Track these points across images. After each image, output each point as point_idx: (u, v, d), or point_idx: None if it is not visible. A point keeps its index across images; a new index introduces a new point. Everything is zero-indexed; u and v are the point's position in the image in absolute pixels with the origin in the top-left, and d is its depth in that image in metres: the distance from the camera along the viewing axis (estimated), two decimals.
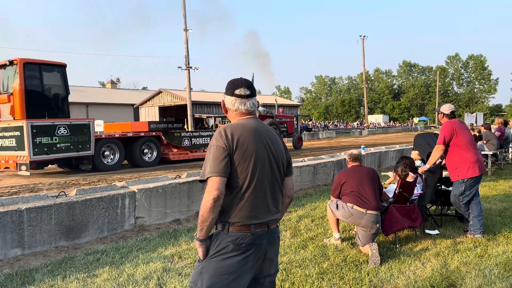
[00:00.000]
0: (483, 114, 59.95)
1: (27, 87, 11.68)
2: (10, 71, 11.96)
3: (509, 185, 8.95)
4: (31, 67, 11.91)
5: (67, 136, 11.92)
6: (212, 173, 2.07)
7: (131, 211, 5.77)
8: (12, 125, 11.49)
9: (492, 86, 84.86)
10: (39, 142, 11.24)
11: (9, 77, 12.03)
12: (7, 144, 11.67)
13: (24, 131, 11.01)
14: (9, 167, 11.90)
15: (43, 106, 12.01)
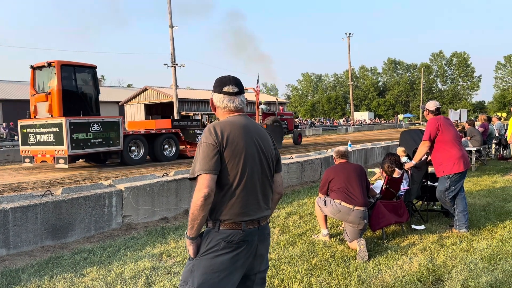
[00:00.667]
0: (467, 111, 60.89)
1: (64, 87, 12.64)
2: (46, 72, 12.95)
3: (493, 181, 9.12)
4: (67, 68, 12.86)
5: (100, 132, 12.83)
6: (202, 171, 2.06)
7: (118, 210, 5.71)
8: (51, 122, 12.28)
9: (475, 83, 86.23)
10: (76, 138, 12.14)
11: (45, 78, 13.02)
12: (45, 140, 12.48)
13: (63, 128, 11.87)
14: (46, 160, 12.66)
15: (77, 104, 13.00)
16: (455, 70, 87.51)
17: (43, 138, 12.51)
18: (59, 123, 12.01)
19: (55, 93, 12.47)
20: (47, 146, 12.41)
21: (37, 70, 13.23)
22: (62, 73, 12.61)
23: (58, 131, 12.04)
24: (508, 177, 9.57)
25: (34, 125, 12.75)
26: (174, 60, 30.53)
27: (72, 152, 12.04)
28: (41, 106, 12.96)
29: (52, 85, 12.61)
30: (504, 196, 7.38)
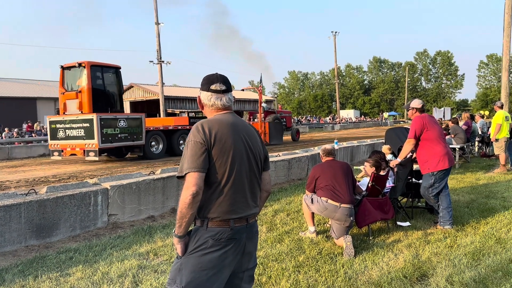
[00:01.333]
0: (451, 109, 61.78)
1: (93, 85, 13.74)
2: (76, 72, 13.97)
3: (476, 178, 9.28)
4: (95, 68, 13.95)
5: (126, 127, 13.94)
6: (190, 169, 2.06)
7: (104, 209, 5.66)
8: (81, 118, 13.29)
9: (458, 81, 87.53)
10: (105, 132, 13.18)
11: (74, 77, 14.03)
12: (75, 134, 13.48)
13: (94, 123, 12.89)
14: (76, 153, 13.88)
15: (104, 102, 14.11)
16: (439, 68, 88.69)
17: (73, 133, 13.50)
18: (90, 119, 13.01)
19: (86, 91, 13.58)
20: (77, 140, 13.41)
21: (66, 70, 14.26)
22: (91, 72, 13.69)
23: (89, 126, 13.04)
24: (491, 174, 9.75)
25: (63, 121, 13.71)
26: (160, 57, 30.30)
27: (102, 146, 13.04)
28: (70, 104, 13.97)
29: (82, 84, 13.67)
30: (487, 193, 7.51)
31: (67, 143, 13.72)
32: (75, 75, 14.08)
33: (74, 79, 14.06)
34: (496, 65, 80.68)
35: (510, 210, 6.22)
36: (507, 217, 5.84)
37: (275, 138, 21.64)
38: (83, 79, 13.67)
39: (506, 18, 18.20)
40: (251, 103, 44.53)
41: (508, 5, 18.12)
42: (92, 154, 13.07)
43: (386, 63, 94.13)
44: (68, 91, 14.15)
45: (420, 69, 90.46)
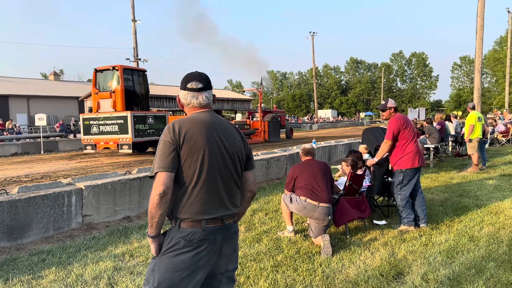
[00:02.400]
0: (425, 109, 63.13)
1: (125, 87, 15.41)
2: (108, 74, 15.60)
3: (450, 177, 9.49)
4: (127, 71, 15.69)
5: (153, 124, 15.54)
6: (159, 169, 2.04)
7: (78, 209, 5.52)
8: (115, 115, 14.82)
9: (433, 82, 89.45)
10: (137, 128, 14.73)
11: (106, 79, 15.64)
12: (109, 130, 15.00)
13: (128, 120, 14.42)
14: (110, 147, 15.48)
15: (134, 101, 15.83)
16: (414, 69, 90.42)
17: (107, 129, 15.02)
18: (125, 116, 14.55)
19: (119, 92, 15.19)
20: (111, 135, 14.89)
21: (99, 72, 15.86)
22: (124, 75, 15.37)
23: (123, 122, 14.56)
24: (464, 173, 9.99)
25: (97, 118, 15.19)
26: (137, 55, 29.92)
27: (135, 140, 14.57)
28: (104, 103, 15.48)
29: (115, 85, 15.27)
30: (460, 192, 7.69)
31: (100, 138, 15.23)
32: (107, 77, 15.67)
33: (106, 80, 15.65)
34: (469, 67, 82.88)
35: (483, 208, 6.38)
36: (480, 215, 5.99)
37: (273, 135, 23.28)
38: (116, 80, 15.31)
39: (479, 21, 18.72)
40: (230, 102, 44.42)
41: (481, 9, 18.63)
42: (125, 147, 14.57)
43: (363, 64, 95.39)
44: (101, 91, 15.67)
45: (396, 70, 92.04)
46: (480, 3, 18.60)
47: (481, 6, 18.60)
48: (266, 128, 22.78)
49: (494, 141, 17.36)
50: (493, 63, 63.60)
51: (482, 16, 18.59)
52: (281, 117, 26.56)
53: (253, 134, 22.49)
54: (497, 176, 9.39)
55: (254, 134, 22.51)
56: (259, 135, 22.60)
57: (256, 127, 22.89)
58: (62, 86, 50.35)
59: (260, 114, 22.96)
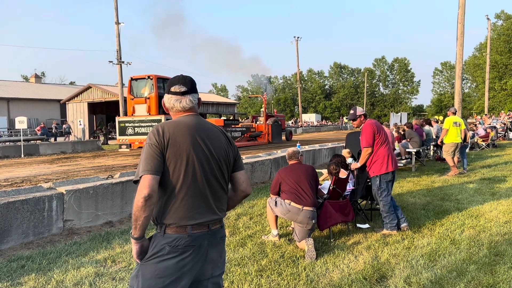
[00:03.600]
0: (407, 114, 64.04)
1: (159, 94, 17.81)
2: (142, 82, 18.20)
3: (431, 180, 9.63)
4: (160, 80, 18.17)
5: None
6: (144, 172, 2.01)
7: (59, 214, 5.42)
8: (150, 118, 17.22)
9: (414, 87, 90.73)
10: None
11: (140, 87, 18.18)
12: (143, 131, 17.16)
13: None
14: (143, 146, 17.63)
15: None
16: (396, 75, 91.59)
17: (142, 130, 17.24)
18: (159, 119, 16.89)
19: (153, 98, 17.76)
20: (144, 136, 16.76)
21: (134, 80, 18.53)
22: (157, 83, 17.83)
23: None
24: (445, 177, 10.15)
25: (132, 121, 17.47)
26: (120, 58, 29.58)
27: None
28: (139, 107, 18.02)
29: (150, 92, 17.88)
30: (441, 195, 7.80)
31: (135, 138, 17.39)
32: (141, 84, 18.20)
33: (140, 88, 18.15)
34: (450, 72, 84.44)
35: (464, 211, 6.49)
36: (461, 218, 6.09)
37: (276, 137, 25.23)
38: (150, 88, 17.86)
39: (459, 27, 19.11)
40: (214, 106, 44.40)
41: (461, 16, 19.03)
42: None
43: (346, 69, 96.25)
44: (136, 97, 18.07)
45: (378, 75, 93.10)
46: (460, 10, 19.00)
47: (461, 13, 19.00)
48: (269, 131, 24.71)
49: (475, 145, 17.70)
50: (473, 68, 64.90)
51: (463, 23, 18.99)
52: (282, 121, 28.49)
53: (259, 136, 24.43)
54: (478, 180, 9.56)
55: (259, 136, 24.45)
56: (264, 137, 24.58)
57: (261, 130, 24.81)
58: (44, 88, 49.56)
59: (264, 118, 25.08)
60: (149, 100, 17.94)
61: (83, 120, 33.04)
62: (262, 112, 26.04)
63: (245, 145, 22.52)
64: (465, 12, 18.98)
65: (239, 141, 23.06)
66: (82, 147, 22.21)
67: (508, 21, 58.12)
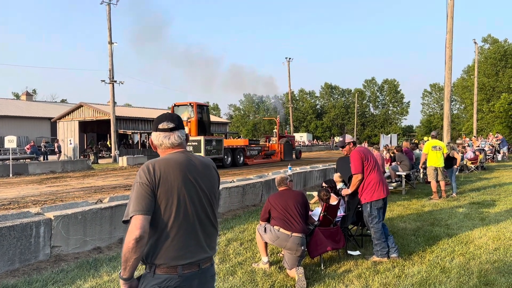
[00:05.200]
0: (397, 135, 64.63)
1: (198, 118, 21.19)
2: (184, 108, 21.56)
3: (421, 204, 9.67)
4: (199, 106, 21.62)
5: (216, 145, 21.17)
6: (135, 212, 1.99)
7: (47, 240, 5.33)
8: (191, 139, 19.69)
9: (404, 108, 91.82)
10: (206, 149, 20.23)
11: (181, 111, 21.18)
12: None
13: (202, 142, 20.14)
14: None
15: (202, 128, 21.59)
16: (386, 96, 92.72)
17: None
18: (199, 139, 20.21)
19: (194, 122, 20.96)
20: None
21: (176, 106, 21.75)
22: (197, 109, 21.25)
23: (197, 144, 20.14)
24: (435, 201, 10.20)
25: None
26: (113, 77, 29.65)
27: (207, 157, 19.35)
28: None
29: (190, 117, 21.05)
30: (432, 220, 7.83)
31: None
32: (182, 110, 21.38)
33: (181, 112, 21.05)
34: (439, 94, 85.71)
35: (453, 238, 6.51)
36: (451, 245, 6.10)
37: (287, 155, 28.24)
38: (191, 113, 21.12)
39: (448, 52, 19.49)
40: None
41: (449, 40, 19.44)
42: None
43: (337, 89, 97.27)
44: None
45: (369, 96, 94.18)
46: (448, 35, 19.42)
47: (449, 38, 19.41)
48: (282, 150, 27.86)
49: (464, 167, 17.87)
50: (462, 90, 65.98)
51: (451, 47, 19.39)
52: (292, 140, 30.67)
53: (273, 155, 27.64)
54: (467, 204, 9.62)
55: (273, 154, 27.66)
56: (277, 156, 27.75)
57: (274, 149, 27.97)
58: (34, 106, 49.34)
59: (277, 138, 28.21)
60: (190, 124, 20.85)
61: (74, 138, 32.87)
62: (275, 133, 28.74)
63: (261, 162, 25.80)
64: (453, 37, 19.42)
65: (255, 158, 26.08)
66: (72, 167, 22.01)
67: (494, 44, 59.49)
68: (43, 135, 42.42)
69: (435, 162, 10.74)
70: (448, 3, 19.28)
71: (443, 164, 10.84)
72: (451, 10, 19.27)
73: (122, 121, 34.52)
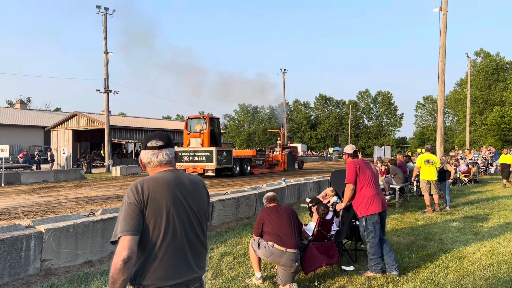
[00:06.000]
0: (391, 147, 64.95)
1: (210, 130, 22.35)
2: (196, 120, 22.99)
3: (415, 218, 9.67)
4: (210, 119, 22.87)
5: (226, 156, 22.25)
6: (123, 232, 1.96)
7: (37, 254, 5.25)
8: (203, 149, 21.47)
9: (397, 120, 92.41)
10: (218, 159, 21.25)
11: (194, 124, 22.80)
12: (197, 159, 21.35)
13: (214, 153, 21.07)
14: (197, 171, 21.23)
15: (213, 139, 22.64)
16: (379, 107, 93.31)
17: (196, 158, 21.33)
18: (211, 150, 21.17)
19: (206, 133, 22.14)
20: (199, 163, 21.27)
21: (189, 119, 23.18)
22: (209, 122, 22.47)
23: (209, 154, 21.09)
24: (429, 214, 10.20)
25: (188, 151, 21.57)
26: (108, 86, 29.62)
27: (217, 166, 21.14)
28: (193, 140, 22.30)
29: (203, 129, 22.28)
30: (425, 235, 7.82)
31: (190, 165, 21.31)
32: (195, 122, 22.82)
33: (194, 125, 22.68)
34: (432, 106, 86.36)
35: (447, 253, 6.49)
36: (445, 260, 6.09)
37: (290, 165, 29.75)
38: (204, 125, 22.35)
39: (441, 66, 19.70)
40: None
41: (442, 54, 19.66)
42: (210, 171, 21.06)
43: (331, 101, 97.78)
44: (192, 132, 22.46)
45: (362, 108, 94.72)
46: (441, 49, 19.64)
47: (442, 52, 19.63)
48: (285, 160, 29.31)
49: (457, 180, 17.93)
50: (455, 103, 66.57)
51: (444, 61, 19.60)
52: (294, 151, 32.15)
53: (277, 165, 29.03)
54: (460, 218, 9.64)
55: (277, 165, 29.04)
56: (281, 166, 29.10)
57: (278, 159, 29.36)
58: (28, 114, 49.07)
59: (281, 149, 29.61)
60: (202, 135, 22.16)
61: (67, 148, 32.70)
62: (279, 144, 30.33)
63: (266, 172, 27.06)
64: (446, 51, 19.64)
65: (261, 168, 27.36)
66: (65, 176, 21.85)
67: (486, 58, 60.25)
68: (37, 143, 42.12)
69: (428, 176, 10.79)
70: (441, 18, 19.53)
71: (436, 178, 10.90)
72: (444, 25, 19.52)
73: (116, 130, 34.40)
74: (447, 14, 19.46)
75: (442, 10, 19.43)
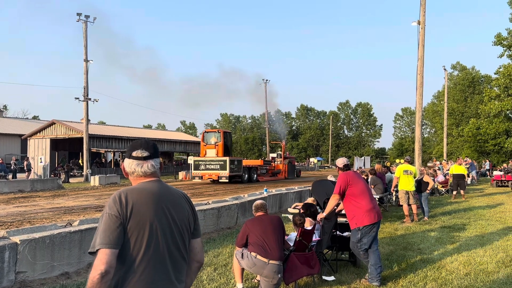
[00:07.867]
0: (370, 157, 65.72)
1: (224, 142, 25.59)
2: (212, 134, 26.64)
3: (394, 228, 9.78)
4: (224, 133, 26.24)
5: (236, 165, 25.31)
6: (102, 245, 1.90)
7: (11, 266, 5.10)
8: (218, 159, 24.71)
9: (377, 131, 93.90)
10: (231, 167, 24.33)
11: (210, 137, 26.20)
12: (212, 167, 24.55)
13: (227, 162, 24.19)
14: (212, 178, 24.89)
15: (226, 150, 25.76)
16: (359, 118, 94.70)
17: (211, 167, 24.54)
18: (225, 159, 24.39)
19: (221, 145, 25.45)
20: (214, 171, 24.49)
21: (206, 133, 26.94)
22: (223, 135, 25.85)
23: (223, 163, 24.23)
24: (408, 224, 10.34)
25: (204, 160, 24.92)
26: (87, 95, 29.22)
27: (230, 174, 24.23)
28: (209, 151, 25.59)
29: (217, 141, 25.60)
30: (404, 245, 7.91)
31: (206, 172, 24.66)
32: (211, 135, 26.30)
33: (210, 138, 26.05)
34: (410, 118, 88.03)
35: (426, 263, 6.58)
36: (424, 270, 6.16)
37: (290, 174, 32.54)
38: (218, 138, 25.71)
39: (419, 78, 20.12)
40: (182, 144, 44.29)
41: (420, 67, 20.10)
42: (224, 178, 24.16)
43: (313, 111, 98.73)
44: (207, 144, 25.74)
45: (343, 118, 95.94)
46: (419, 62, 20.08)
47: (420, 65, 20.07)
48: (286, 169, 32.15)
49: (435, 191, 18.25)
50: (432, 115, 67.93)
51: (422, 74, 20.03)
52: (293, 161, 35.04)
53: (279, 173, 31.56)
54: (438, 228, 9.79)
55: (279, 173, 31.57)
56: (282, 174, 31.79)
57: (279, 168, 32.00)
58: (5, 122, 47.90)
59: (282, 159, 32.34)
60: (217, 147, 25.37)
61: (45, 156, 31.98)
62: (280, 155, 33.19)
63: (269, 179, 29.60)
64: (424, 64, 20.08)
65: (264, 176, 29.72)
66: (42, 185, 21.34)
67: (463, 71, 61.86)
68: (13, 152, 41.11)
69: (406, 186, 10.97)
70: (419, 31, 20.01)
71: (414, 188, 11.09)
72: (422, 39, 19.98)
73: (95, 139, 33.86)
74: (425, 28, 19.94)
75: (420, 24, 19.92)
